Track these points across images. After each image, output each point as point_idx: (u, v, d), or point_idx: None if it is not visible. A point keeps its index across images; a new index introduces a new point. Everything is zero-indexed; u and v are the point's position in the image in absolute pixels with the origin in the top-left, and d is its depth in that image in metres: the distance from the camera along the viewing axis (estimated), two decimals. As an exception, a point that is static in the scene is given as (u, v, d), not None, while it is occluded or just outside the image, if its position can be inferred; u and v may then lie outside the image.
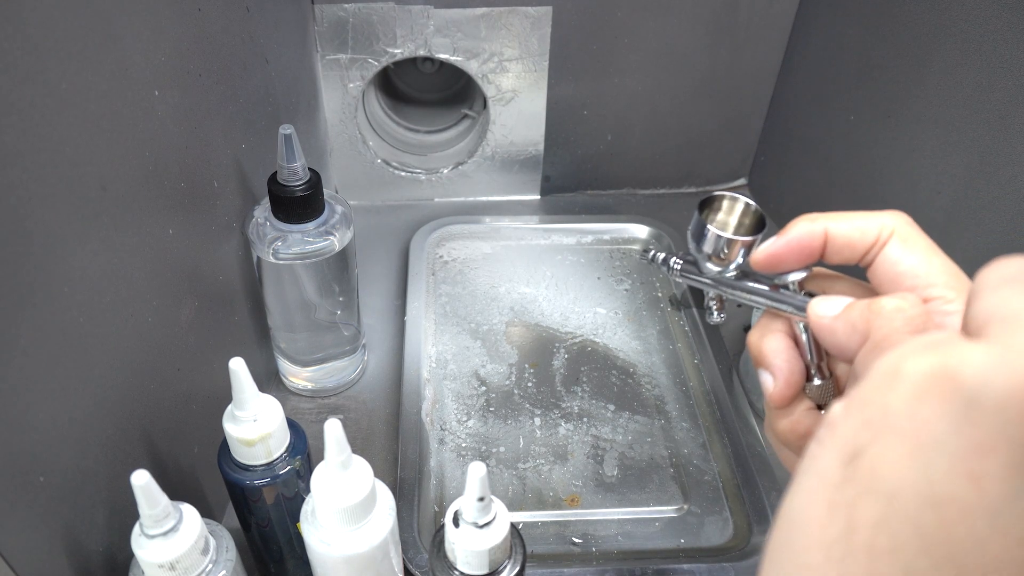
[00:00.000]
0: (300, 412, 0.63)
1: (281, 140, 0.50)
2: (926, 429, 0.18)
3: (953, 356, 0.18)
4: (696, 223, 0.30)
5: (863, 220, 0.27)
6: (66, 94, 0.33)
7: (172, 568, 0.35)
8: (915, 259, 0.25)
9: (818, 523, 0.19)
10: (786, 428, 0.28)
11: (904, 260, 0.26)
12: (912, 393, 0.18)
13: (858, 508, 0.18)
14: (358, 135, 0.81)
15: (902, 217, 0.26)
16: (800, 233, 0.27)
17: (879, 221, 0.26)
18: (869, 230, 0.26)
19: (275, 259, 0.54)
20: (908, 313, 0.23)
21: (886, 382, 0.19)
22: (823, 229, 0.27)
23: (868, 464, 0.18)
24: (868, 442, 0.19)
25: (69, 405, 0.35)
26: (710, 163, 0.88)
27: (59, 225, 0.33)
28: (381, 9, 0.72)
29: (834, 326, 0.25)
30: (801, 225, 0.27)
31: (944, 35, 0.56)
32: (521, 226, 0.81)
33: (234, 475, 0.42)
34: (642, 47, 0.77)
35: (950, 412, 0.17)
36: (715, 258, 0.30)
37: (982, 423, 0.17)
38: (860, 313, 0.24)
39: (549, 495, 0.57)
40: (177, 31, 0.44)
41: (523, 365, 0.67)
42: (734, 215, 0.31)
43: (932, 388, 0.18)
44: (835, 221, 0.27)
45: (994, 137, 0.52)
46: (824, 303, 0.26)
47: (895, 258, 0.26)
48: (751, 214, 0.31)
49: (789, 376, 0.28)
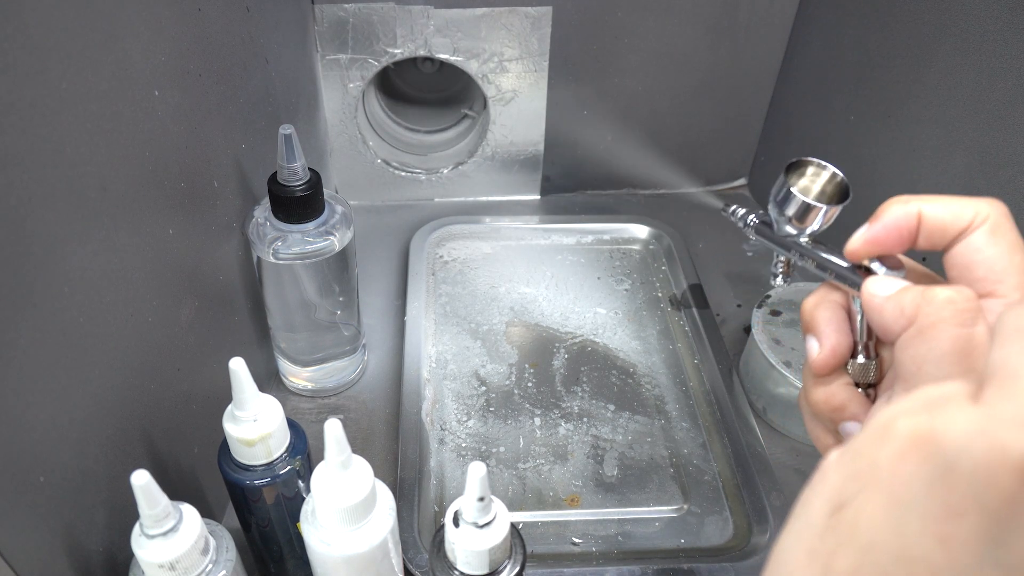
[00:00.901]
0: (300, 412, 0.63)
1: (281, 140, 0.50)
2: (905, 488, 0.18)
3: (940, 419, 0.18)
4: (780, 184, 0.31)
5: (958, 204, 0.26)
6: (66, 94, 0.33)
7: (172, 568, 0.35)
8: (996, 251, 0.25)
9: (799, 568, 0.20)
10: (820, 398, 0.29)
11: (985, 249, 0.25)
12: (897, 451, 0.18)
13: (836, 557, 0.19)
14: (358, 135, 0.81)
15: (999, 207, 0.26)
16: (896, 216, 0.27)
17: (975, 207, 0.26)
18: (963, 215, 0.26)
19: (275, 259, 0.54)
20: (959, 306, 0.23)
21: (878, 437, 0.19)
22: (917, 211, 0.26)
23: (851, 516, 0.19)
24: (853, 494, 0.19)
25: (69, 405, 0.35)
26: (710, 163, 0.88)
27: (59, 225, 0.33)
28: (381, 9, 0.72)
29: (884, 306, 0.25)
30: (895, 208, 0.27)
31: (944, 35, 0.56)
32: (521, 226, 0.81)
33: (234, 475, 0.42)
34: (642, 47, 0.77)
35: (928, 474, 0.18)
36: (795, 221, 0.30)
37: (956, 487, 0.17)
38: (912, 298, 0.24)
39: (549, 495, 0.57)
40: (177, 31, 0.44)
41: (523, 365, 0.67)
42: (818, 182, 0.31)
43: (915, 448, 0.18)
44: (929, 203, 0.26)
45: (994, 137, 0.52)
46: (880, 283, 0.26)
47: (978, 245, 0.25)
48: (835, 183, 0.31)
49: (835, 347, 0.28)
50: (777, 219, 0.31)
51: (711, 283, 0.75)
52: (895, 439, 0.19)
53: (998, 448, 0.16)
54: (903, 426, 0.19)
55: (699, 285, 0.73)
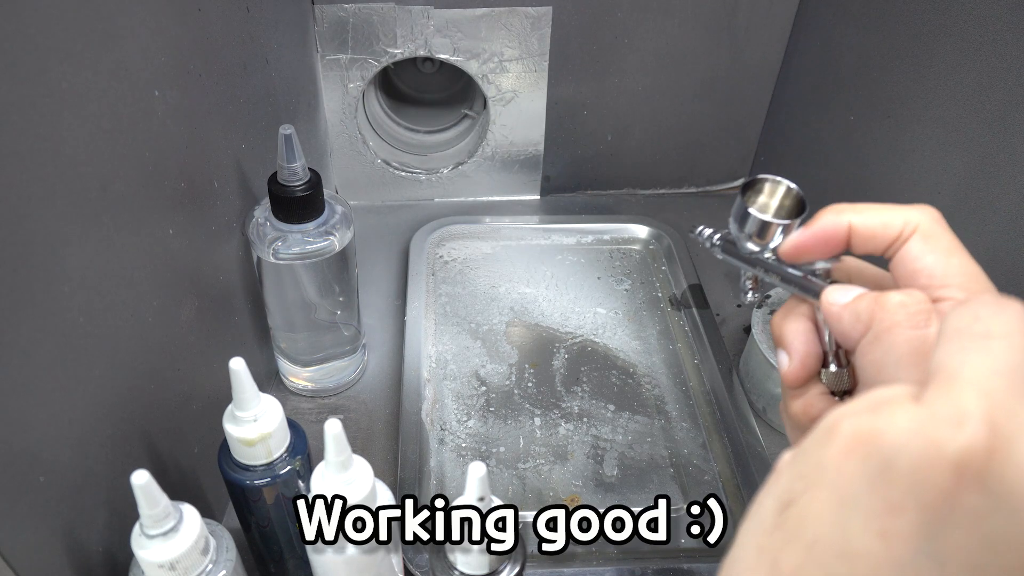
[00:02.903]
0: (300, 412, 0.63)
1: (281, 140, 0.50)
2: (848, 485, 0.19)
3: (881, 418, 0.19)
4: (738, 204, 0.31)
5: (888, 214, 0.27)
6: (66, 94, 0.33)
7: (172, 568, 0.35)
8: (933, 257, 0.25)
9: (748, 566, 0.21)
10: (798, 409, 0.29)
11: (922, 257, 0.26)
12: (841, 450, 0.19)
13: (782, 554, 0.19)
14: (358, 135, 0.81)
15: (929, 213, 0.26)
16: (824, 225, 0.28)
17: (904, 216, 0.26)
18: (892, 224, 0.26)
19: (275, 259, 0.54)
20: (911, 309, 0.24)
21: (823, 437, 0.20)
22: (847, 222, 0.27)
23: (797, 513, 0.20)
24: (800, 492, 0.20)
25: (69, 405, 0.35)
26: (710, 163, 0.88)
27: (59, 225, 0.33)
28: (381, 9, 0.72)
29: (842, 314, 0.26)
30: (826, 217, 0.28)
31: (944, 35, 0.56)
32: (521, 226, 0.81)
33: (234, 475, 0.42)
34: (642, 47, 0.77)
35: (869, 471, 0.18)
36: (755, 238, 0.31)
37: (896, 484, 0.18)
38: (866, 304, 0.25)
39: (549, 495, 0.57)
40: (177, 31, 0.44)
41: (523, 365, 0.67)
42: (775, 197, 0.32)
43: (858, 447, 0.19)
44: (859, 214, 0.27)
45: (994, 137, 0.52)
46: (837, 291, 0.27)
47: (914, 254, 0.26)
48: (792, 197, 0.32)
49: (805, 358, 0.29)
50: (738, 237, 0.32)
51: (711, 283, 0.75)
52: (839, 438, 0.19)
53: (934, 446, 0.17)
54: (847, 426, 0.19)
55: (699, 285, 0.73)
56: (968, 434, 0.17)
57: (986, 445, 0.17)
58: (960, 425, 0.17)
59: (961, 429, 0.17)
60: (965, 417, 0.17)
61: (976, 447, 0.17)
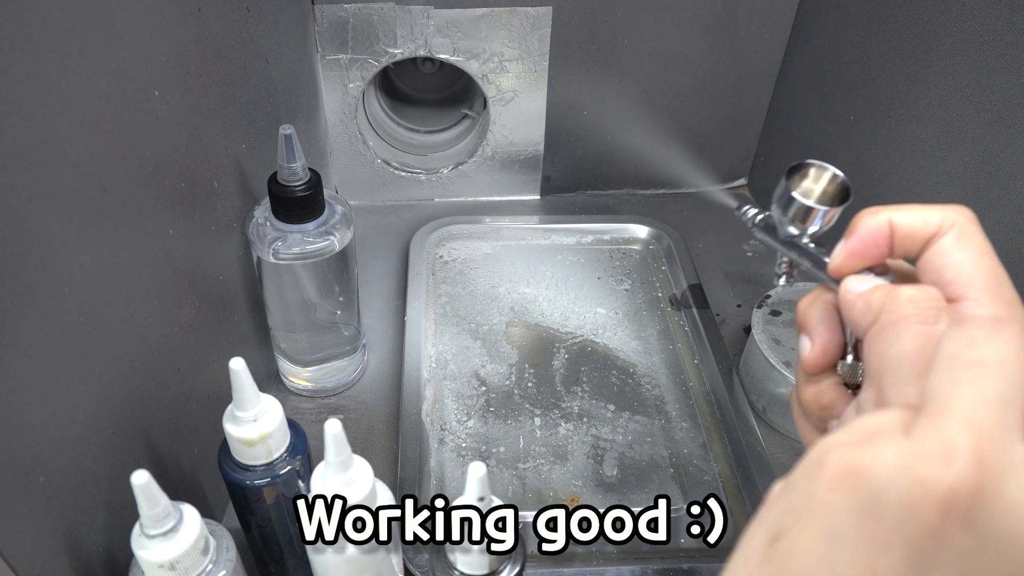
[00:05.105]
0: (300, 412, 0.63)
1: (281, 140, 0.50)
2: (836, 519, 0.19)
3: (869, 452, 0.19)
4: (783, 187, 0.31)
5: (926, 211, 0.26)
6: (66, 94, 0.33)
7: (172, 568, 0.35)
8: (963, 255, 0.25)
9: None
10: (810, 397, 0.29)
11: (954, 253, 0.25)
12: (829, 484, 0.19)
13: None
14: (358, 135, 0.81)
15: (966, 212, 0.26)
16: (870, 227, 0.27)
17: (942, 213, 0.26)
18: (931, 221, 0.26)
19: (275, 259, 0.54)
20: (921, 304, 0.24)
21: (812, 469, 0.20)
22: (887, 220, 0.27)
23: (785, 547, 0.20)
24: (789, 525, 0.20)
25: (69, 405, 0.35)
26: (710, 163, 0.88)
27: (59, 225, 0.33)
28: (381, 9, 0.72)
29: (855, 302, 0.26)
30: (868, 219, 0.27)
31: (944, 35, 0.56)
32: (521, 226, 0.81)
33: (234, 475, 0.42)
34: (642, 47, 0.77)
35: (857, 506, 0.18)
36: (796, 223, 0.31)
37: (883, 521, 0.18)
38: (879, 296, 0.25)
39: (549, 495, 0.57)
40: (177, 31, 0.44)
41: (523, 365, 0.67)
42: (820, 183, 0.32)
43: (846, 481, 0.19)
44: (898, 212, 0.27)
45: (994, 137, 0.52)
46: (856, 280, 0.27)
47: (946, 249, 0.26)
48: (836, 184, 0.32)
49: (826, 345, 0.29)
50: (780, 220, 0.32)
51: (711, 283, 0.75)
52: (828, 472, 0.19)
53: (921, 484, 0.17)
54: (835, 458, 0.19)
55: (699, 285, 0.73)
56: (955, 472, 0.17)
57: (973, 483, 0.17)
58: (948, 462, 0.17)
59: (949, 466, 0.17)
60: (953, 453, 0.17)
61: (963, 485, 0.17)
